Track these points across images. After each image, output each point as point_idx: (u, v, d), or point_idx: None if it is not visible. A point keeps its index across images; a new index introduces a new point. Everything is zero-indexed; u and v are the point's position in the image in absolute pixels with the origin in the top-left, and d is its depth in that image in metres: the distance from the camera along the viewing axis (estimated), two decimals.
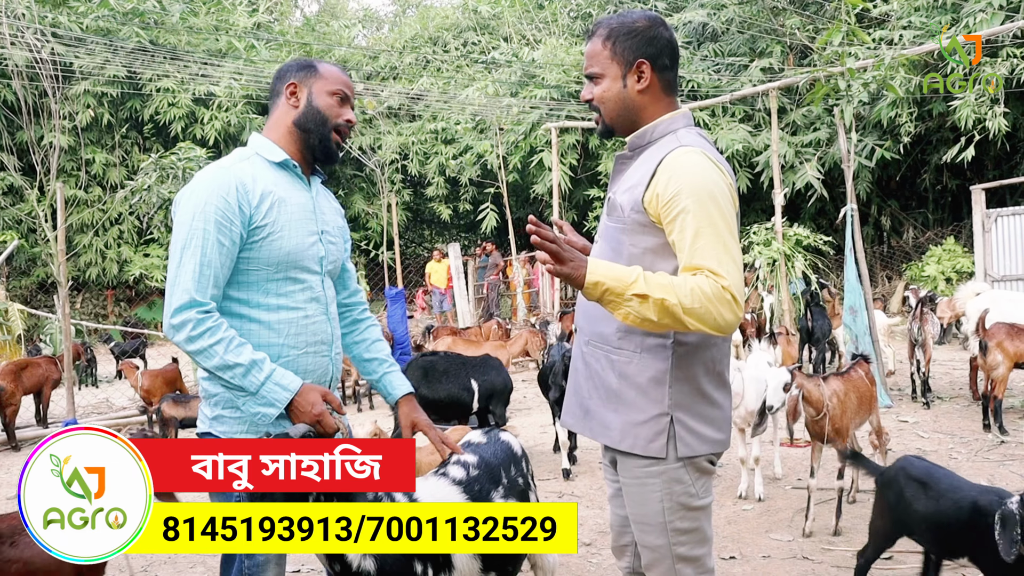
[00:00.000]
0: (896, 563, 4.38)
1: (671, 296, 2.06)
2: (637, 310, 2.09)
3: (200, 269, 2.35)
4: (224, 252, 2.39)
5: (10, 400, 8.51)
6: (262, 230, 2.45)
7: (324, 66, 2.64)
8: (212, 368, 2.36)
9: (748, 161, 16.82)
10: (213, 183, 2.43)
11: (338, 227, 2.77)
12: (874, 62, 9.60)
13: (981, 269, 13.59)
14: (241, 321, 2.48)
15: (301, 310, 2.55)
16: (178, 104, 19.74)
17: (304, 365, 2.56)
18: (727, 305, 2.08)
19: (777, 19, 17.88)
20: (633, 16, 2.37)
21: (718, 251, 2.12)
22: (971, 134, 13.40)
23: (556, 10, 22.23)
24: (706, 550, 2.41)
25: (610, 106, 2.38)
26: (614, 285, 2.09)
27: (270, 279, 2.50)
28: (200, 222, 2.37)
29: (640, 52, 2.32)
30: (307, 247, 2.55)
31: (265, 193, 2.47)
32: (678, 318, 2.07)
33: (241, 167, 2.50)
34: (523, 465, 2.95)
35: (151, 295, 21.44)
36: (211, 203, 2.38)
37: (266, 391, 2.34)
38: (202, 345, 2.32)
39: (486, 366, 7.16)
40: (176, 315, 2.34)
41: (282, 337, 2.51)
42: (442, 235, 26.07)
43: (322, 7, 34.34)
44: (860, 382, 5.14)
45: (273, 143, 2.60)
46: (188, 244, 2.37)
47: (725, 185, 2.22)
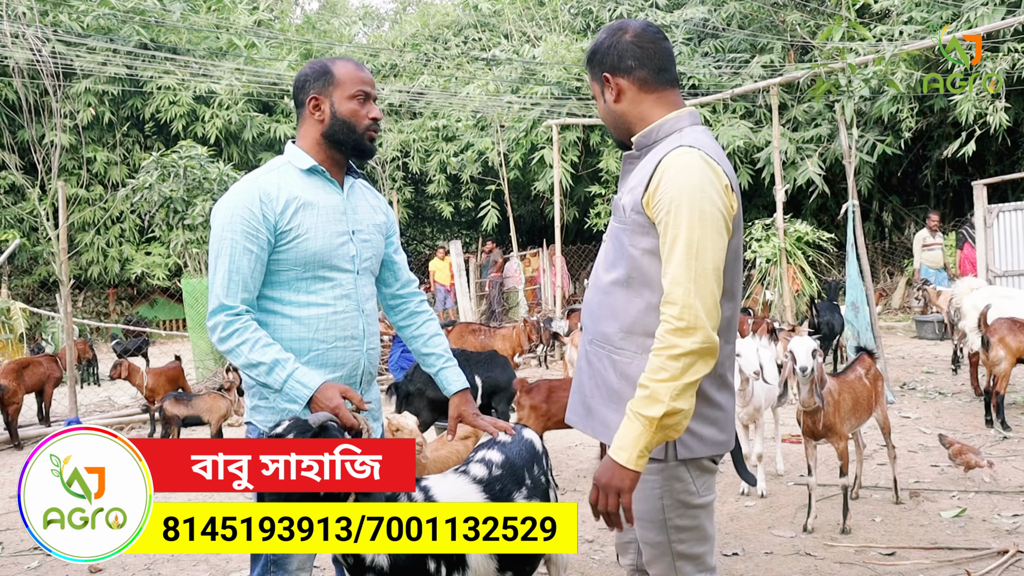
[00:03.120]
0: (899, 559, 4.37)
1: (659, 392, 2.09)
2: (667, 423, 2.10)
3: (229, 276, 2.56)
4: (252, 258, 2.58)
5: (12, 399, 8.50)
6: (288, 234, 2.62)
7: (340, 68, 2.72)
8: (240, 366, 2.55)
9: (749, 157, 16.79)
10: (239, 196, 2.62)
11: (375, 224, 2.88)
12: (875, 57, 9.58)
13: (983, 265, 13.55)
14: (274, 317, 2.66)
15: (331, 306, 2.69)
16: (179, 102, 19.73)
17: (334, 358, 2.70)
18: (684, 334, 2.10)
19: (778, 15, 17.85)
20: (599, 35, 2.45)
21: (682, 266, 2.12)
22: (972, 129, 13.38)
23: (557, 7, 22.17)
24: (707, 548, 2.41)
25: (607, 123, 2.50)
26: (635, 443, 2.11)
27: (300, 278, 2.67)
28: (228, 232, 2.57)
29: (603, 67, 2.40)
30: (336, 247, 2.70)
31: (290, 200, 2.63)
32: (680, 390, 2.09)
33: (268, 177, 2.67)
34: (544, 463, 2.94)
35: (152, 293, 21.46)
36: (237, 214, 2.58)
37: (288, 388, 2.48)
38: (230, 345, 2.53)
39: (490, 363, 7.13)
40: (210, 319, 2.56)
41: (311, 332, 2.66)
42: (443, 232, 26.06)
43: (322, 5, 34.33)
44: (858, 383, 5.09)
45: (304, 151, 2.74)
46: (220, 253, 2.58)
47: (718, 188, 2.19)
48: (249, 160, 20.56)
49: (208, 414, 7.61)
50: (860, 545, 4.59)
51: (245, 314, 2.55)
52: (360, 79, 2.72)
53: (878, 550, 4.50)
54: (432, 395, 6.41)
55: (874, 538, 4.70)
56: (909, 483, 5.66)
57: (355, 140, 2.72)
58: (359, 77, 2.72)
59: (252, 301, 2.60)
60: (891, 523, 4.95)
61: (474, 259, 20.41)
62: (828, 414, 4.76)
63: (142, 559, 4.89)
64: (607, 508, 2.14)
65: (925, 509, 5.17)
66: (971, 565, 4.20)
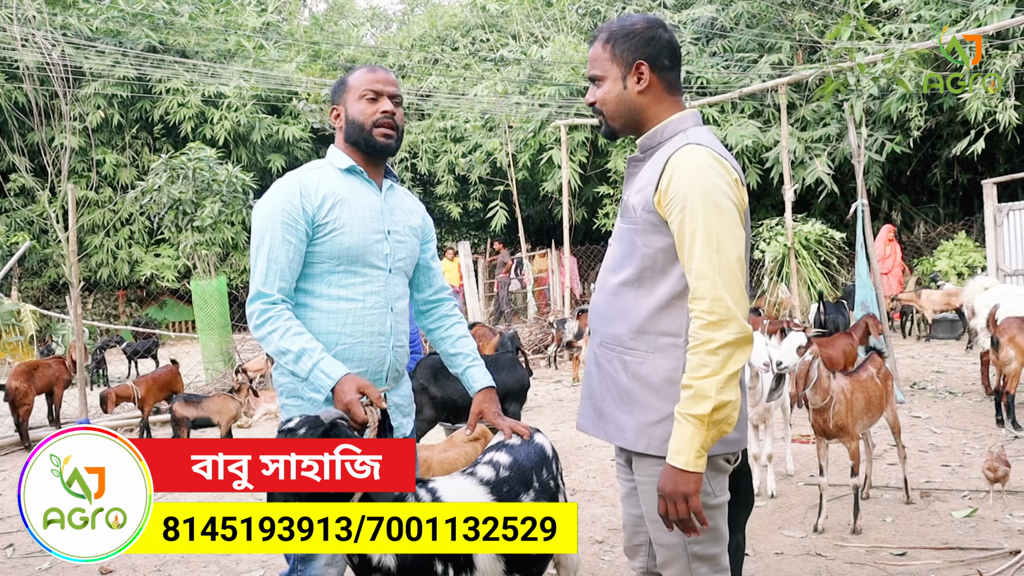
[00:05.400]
0: (910, 559, 4.34)
1: (704, 389, 2.09)
2: (718, 417, 2.11)
3: (268, 265, 2.65)
4: (291, 248, 2.66)
5: (23, 400, 8.53)
6: (324, 227, 2.69)
7: (353, 76, 2.84)
8: (271, 353, 2.64)
9: (758, 157, 16.74)
10: (281, 190, 2.72)
11: (411, 227, 2.95)
12: (884, 56, 9.54)
13: (993, 264, 13.50)
14: (305, 309, 2.73)
15: (360, 301, 2.76)
16: (188, 104, 19.79)
17: (360, 353, 2.76)
18: (717, 327, 2.11)
19: (786, 14, 17.79)
20: (633, 19, 2.40)
21: (705, 260, 2.13)
22: (981, 127, 13.32)
23: (564, 7, 22.15)
24: (722, 548, 2.39)
25: (611, 108, 2.41)
26: (690, 444, 2.11)
27: (332, 271, 2.73)
28: (270, 223, 2.67)
29: (639, 53, 2.34)
30: (371, 244, 2.77)
31: (328, 195, 2.72)
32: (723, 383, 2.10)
33: (309, 174, 2.77)
34: (554, 466, 2.93)
35: (162, 295, 21.51)
36: (278, 206, 2.67)
37: (313, 377, 2.54)
38: (263, 332, 2.62)
39: (496, 364, 7.10)
40: (249, 306, 2.66)
41: (339, 325, 2.73)
42: (452, 233, 26.06)
43: (330, 6, 34.33)
44: (870, 382, 5.07)
45: (343, 153, 2.84)
46: (261, 244, 2.67)
47: (729, 181, 2.21)
48: (258, 162, 20.61)
49: (218, 416, 7.62)
50: (871, 545, 4.56)
51: (281, 303, 2.63)
52: (369, 80, 2.79)
53: (889, 550, 4.47)
54: (434, 392, 6.41)
55: (885, 538, 4.67)
56: (920, 483, 5.62)
57: (365, 139, 2.77)
58: (368, 78, 2.79)
59: (289, 291, 2.68)
60: (902, 523, 4.92)
61: (483, 260, 20.41)
62: (840, 413, 4.74)
63: (152, 560, 4.88)
64: (678, 515, 2.14)
65: (936, 509, 5.13)
66: (983, 565, 4.16)
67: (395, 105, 2.82)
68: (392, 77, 2.86)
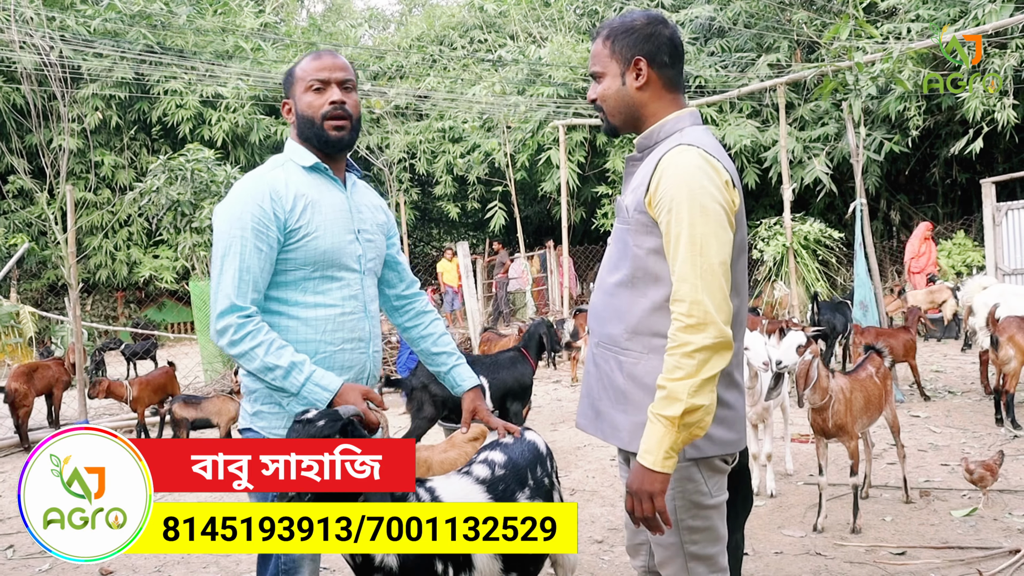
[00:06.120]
0: (909, 558, 4.34)
1: (677, 391, 2.08)
2: (689, 420, 2.09)
3: (240, 275, 2.43)
4: (263, 257, 2.46)
5: (23, 402, 8.53)
6: (297, 232, 2.51)
7: (300, 65, 2.64)
8: (254, 371, 2.42)
9: (756, 157, 16.75)
10: (248, 192, 2.51)
11: (377, 224, 2.80)
12: (882, 56, 9.54)
13: (992, 263, 13.50)
14: (279, 318, 2.54)
15: (338, 307, 2.60)
16: (186, 106, 19.78)
17: (341, 361, 2.61)
18: (694, 330, 2.09)
19: (784, 14, 17.79)
20: (634, 15, 2.39)
21: (688, 263, 2.12)
22: (980, 127, 13.33)
23: (562, 7, 22.16)
24: (719, 548, 2.39)
25: (611, 104, 2.40)
26: (659, 444, 2.10)
27: (308, 278, 2.56)
28: (238, 230, 2.45)
29: (637, 49, 2.33)
30: (344, 246, 2.60)
31: (298, 196, 2.53)
32: (697, 387, 2.08)
33: (274, 174, 2.56)
34: (548, 464, 2.93)
35: (160, 296, 21.51)
36: (247, 211, 2.46)
37: (306, 392, 2.39)
38: (243, 349, 2.40)
39: (497, 364, 7.10)
40: (219, 320, 2.42)
41: (319, 333, 2.56)
42: (450, 234, 26.06)
43: (328, 7, 34.31)
44: (869, 381, 5.07)
45: (304, 148, 2.65)
46: (228, 252, 2.45)
47: (718, 183, 2.18)
48: (256, 162, 20.53)
49: (217, 417, 7.62)
50: (870, 544, 4.56)
51: (256, 315, 2.44)
52: (314, 68, 2.60)
53: (889, 549, 4.47)
54: (435, 390, 6.41)
55: (884, 537, 4.67)
56: (919, 482, 5.62)
57: (316, 133, 2.59)
58: (313, 66, 2.60)
59: (260, 302, 2.49)
60: (901, 522, 4.92)
61: (481, 260, 20.40)
62: (840, 413, 4.74)
63: (152, 561, 4.88)
64: (643, 513, 2.14)
65: (936, 508, 5.13)
66: (982, 564, 4.16)
67: (345, 92, 2.61)
68: (341, 61, 2.63)
